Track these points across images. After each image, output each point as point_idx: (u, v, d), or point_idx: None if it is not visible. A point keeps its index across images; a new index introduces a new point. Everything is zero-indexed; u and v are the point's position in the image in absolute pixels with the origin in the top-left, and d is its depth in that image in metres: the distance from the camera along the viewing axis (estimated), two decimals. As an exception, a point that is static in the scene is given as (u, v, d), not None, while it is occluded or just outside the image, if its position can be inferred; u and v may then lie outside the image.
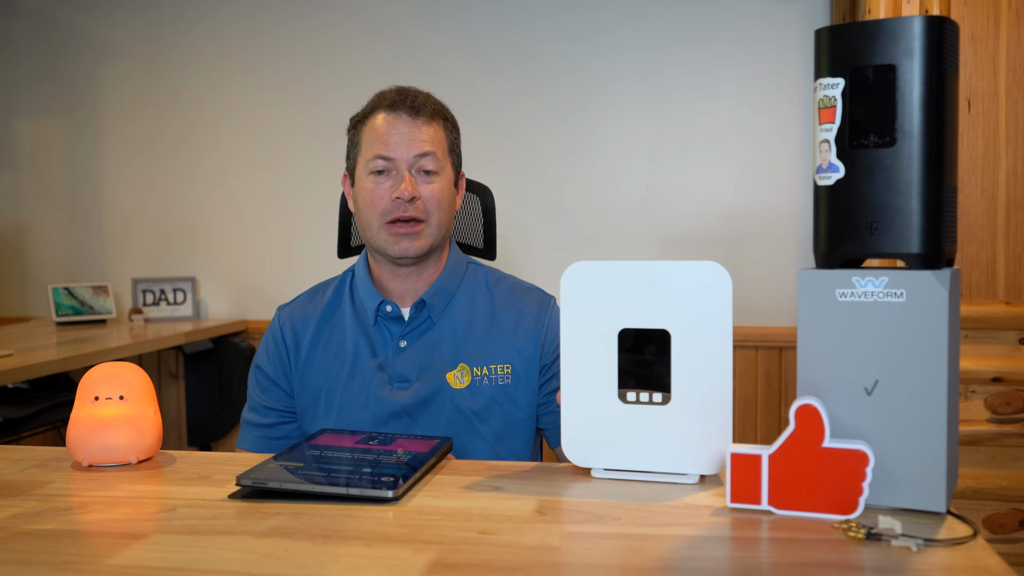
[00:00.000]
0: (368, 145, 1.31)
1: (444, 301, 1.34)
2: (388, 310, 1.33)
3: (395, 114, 1.30)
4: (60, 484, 0.96)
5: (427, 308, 1.33)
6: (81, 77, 3.21)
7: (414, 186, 1.28)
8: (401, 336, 1.33)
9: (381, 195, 1.29)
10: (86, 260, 3.25)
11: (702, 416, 0.89)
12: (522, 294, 1.38)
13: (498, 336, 1.34)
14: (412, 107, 1.30)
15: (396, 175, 1.29)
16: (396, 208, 1.28)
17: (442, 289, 1.34)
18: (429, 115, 1.31)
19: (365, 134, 1.32)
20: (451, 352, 1.32)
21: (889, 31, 0.79)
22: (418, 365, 1.31)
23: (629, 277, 0.91)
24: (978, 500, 2.22)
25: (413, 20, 2.96)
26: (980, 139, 2.54)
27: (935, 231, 0.79)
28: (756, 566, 0.70)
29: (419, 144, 1.29)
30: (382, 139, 1.29)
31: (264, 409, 1.37)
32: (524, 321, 1.35)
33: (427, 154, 1.29)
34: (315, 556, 0.73)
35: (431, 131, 1.31)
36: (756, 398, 2.76)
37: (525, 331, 1.34)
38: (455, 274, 1.37)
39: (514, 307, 1.36)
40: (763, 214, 2.76)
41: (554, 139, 2.89)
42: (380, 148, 1.29)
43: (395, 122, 1.29)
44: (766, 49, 2.75)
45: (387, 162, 1.29)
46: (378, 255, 1.34)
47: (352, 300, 1.37)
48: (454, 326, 1.34)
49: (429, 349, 1.32)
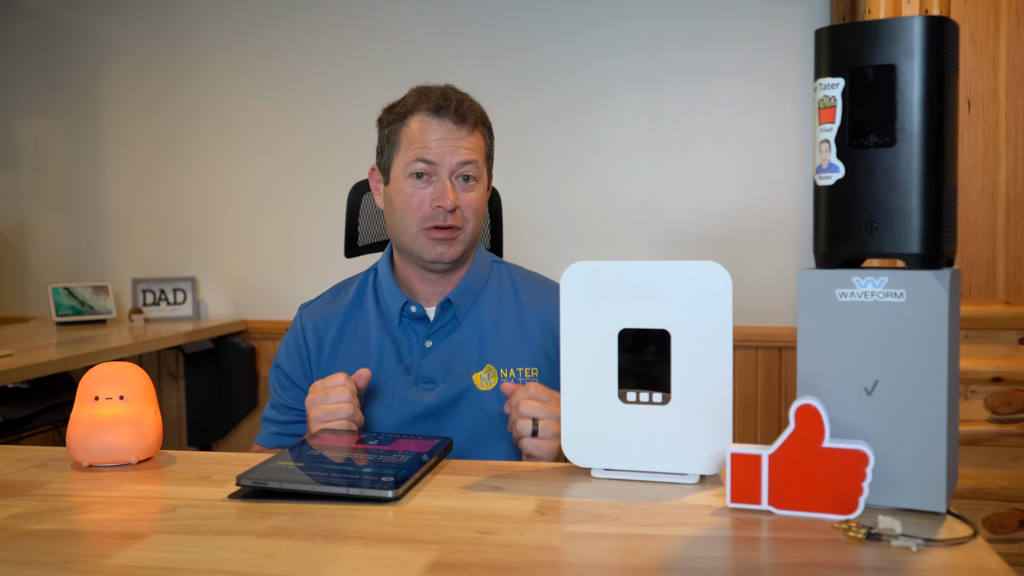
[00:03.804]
0: (408, 146, 1.29)
1: (470, 301, 1.34)
2: (413, 311, 1.32)
3: (440, 119, 1.28)
4: (60, 484, 0.96)
5: (452, 308, 1.32)
6: (81, 77, 3.21)
7: (456, 195, 1.27)
8: (427, 336, 1.32)
9: (422, 200, 1.28)
10: (86, 260, 3.25)
11: (702, 416, 0.89)
12: (549, 295, 1.37)
13: (525, 338, 1.33)
14: (457, 113, 1.28)
15: (437, 181, 1.28)
16: (436, 216, 1.27)
17: (468, 289, 1.34)
18: (473, 123, 1.30)
19: (405, 134, 1.30)
20: (478, 353, 1.31)
21: (889, 31, 0.79)
22: (444, 365, 1.30)
23: (629, 277, 0.91)
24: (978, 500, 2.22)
25: (413, 20, 2.96)
26: (980, 139, 2.54)
27: (935, 231, 0.79)
28: (756, 566, 0.70)
29: (462, 152, 1.28)
30: (424, 143, 1.27)
31: (283, 408, 1.36)
32: (550, 323, 1.34)
33: (470, 162, 1.29)
34: (315, 556, 0.73)
35: (474, 140, 1.30)
36: (756, 398, 2.76)
37: (552, 334, 1.33)
38: (481, 273, 1.37)
39: (541, 309, 1.35)
40: (763, 214, 2.76)
41: (554, 139, 2.89)
42: (421, 151, 1.27)
43: (438, 127, 1.28)
44: (766, 49, 2.75)
45: (428, 166, 1.28)
46: (408, 256, 1.33)
47: (375, 299, 1.36)
48: (480, 326, 1.33)
49: (456, 350, 1.31)
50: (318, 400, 1.15)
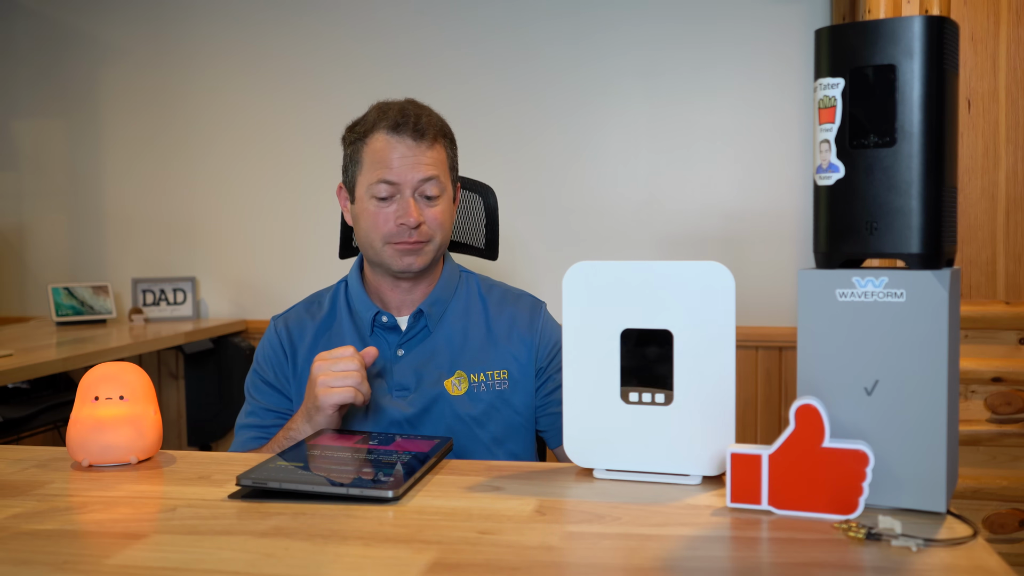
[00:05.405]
0: (370, 167, 1.30)
1: (440, 310, 1.36)
2: (384, 320, 1.35)
3: (398, 137, 1.29)
4: (60, 484, 0.96)
5: (424, 318, 1.35)
6: (81, 77, 3.21)
7: (419, 212, 1.28)
8: (399, 345, 1.34)
9: (385, 219, 1.29)
10: (86, 260, 3.25)
11: (705, 417, 0.89)
12: (514, 301, 1.41)
13: (493, 343, 1.36)
14: (416, 130, 1.28)
15: (400, 199, 1.29)
16: (401, 233, 1.29)
17: (439, 299, 1.36)
18: (432, 137, 1.30)
19: (366, 153, 1.31)
20: (448, 360, 1.34)
21: (889, 31, 0.79)
22: (416, 373, 1.33)
23: (632, 277, 0.91)
24: (978, 500, 2.22)
25: (413, 20, 2.96)
26: (980, 139, 2.54)
27: (935, 231, 0.79)
28: (756, 566, 0.70)
29: (423, 169, 1.29)
30: (385, 163, 1.28)
31: (263, 411, 1.36)
32: (517, 327, 1.37)
33: (431, 178, 1.30)
34: (315, 556, 0.73)
35: (434, 154, 1.31)
36: (756, 398, 2.76)
37: (519, 337, 1.36)
38: (450, 283, 1.39)
39: (507, 314, 1.38)
40: (763, 214, 2.76)
41: (554, 139, 2.89)
42: (384, 172, 1.28)
43: (398, 145, 1.28)
44: (766, 49, 2.74)
45: (391, 187, 1.29)
46: (378, 267, 1.35)
47: (348, 310, 1.38)
48: (450, 335, 1.36)
49: (426, 358, 1.34)
50: (327, 367, 1.16)
